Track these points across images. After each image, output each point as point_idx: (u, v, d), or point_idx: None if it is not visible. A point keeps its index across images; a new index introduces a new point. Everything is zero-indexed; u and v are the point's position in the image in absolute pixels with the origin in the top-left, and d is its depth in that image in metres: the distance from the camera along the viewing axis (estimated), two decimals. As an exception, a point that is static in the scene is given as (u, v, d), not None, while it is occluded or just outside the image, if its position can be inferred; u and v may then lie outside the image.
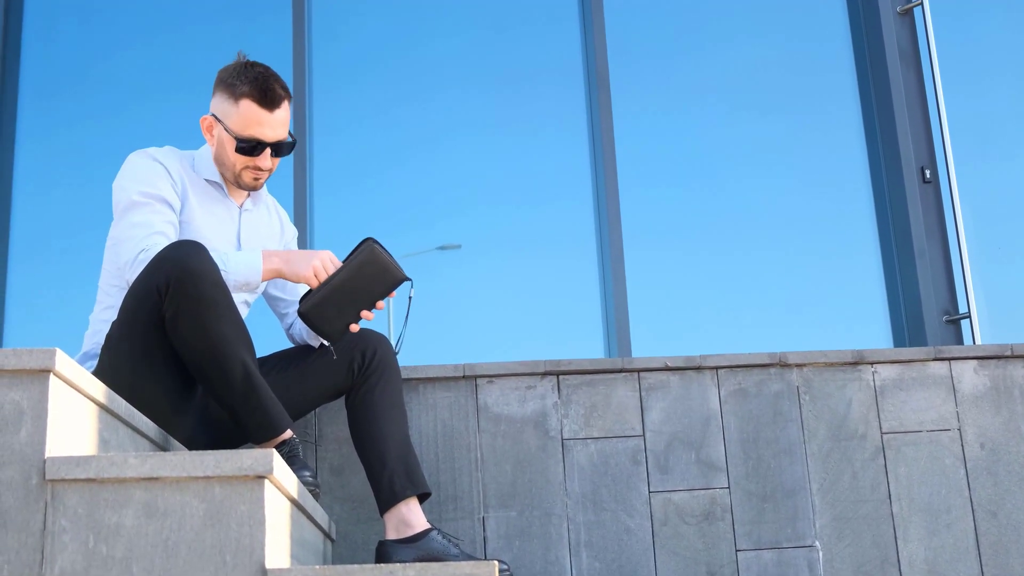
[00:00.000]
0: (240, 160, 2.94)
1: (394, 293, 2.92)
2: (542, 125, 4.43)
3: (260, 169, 2.96)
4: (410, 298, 2.96)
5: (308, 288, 2.94)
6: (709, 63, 4.53)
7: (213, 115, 2.96)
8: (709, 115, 4.48)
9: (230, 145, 2.93)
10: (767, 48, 4.56)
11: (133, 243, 2.75)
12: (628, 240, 4.24)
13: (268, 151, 2.94)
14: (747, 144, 4.45)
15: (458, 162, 4.38)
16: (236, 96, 2.91)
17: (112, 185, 2.89)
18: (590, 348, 4.20)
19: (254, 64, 2.96)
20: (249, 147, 2.91)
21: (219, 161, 2.99)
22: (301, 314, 2.84)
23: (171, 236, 2.80)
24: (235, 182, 3.00)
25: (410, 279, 2.92)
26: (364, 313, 2.87)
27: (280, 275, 2.83)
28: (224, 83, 2.95)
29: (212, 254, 2.69)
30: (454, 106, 4.43)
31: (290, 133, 2.99)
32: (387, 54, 4.47)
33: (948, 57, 4.48)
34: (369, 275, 2.85)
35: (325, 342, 3.02)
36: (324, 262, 2.84)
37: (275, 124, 2.93)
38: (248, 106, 2.90)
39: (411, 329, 2.99)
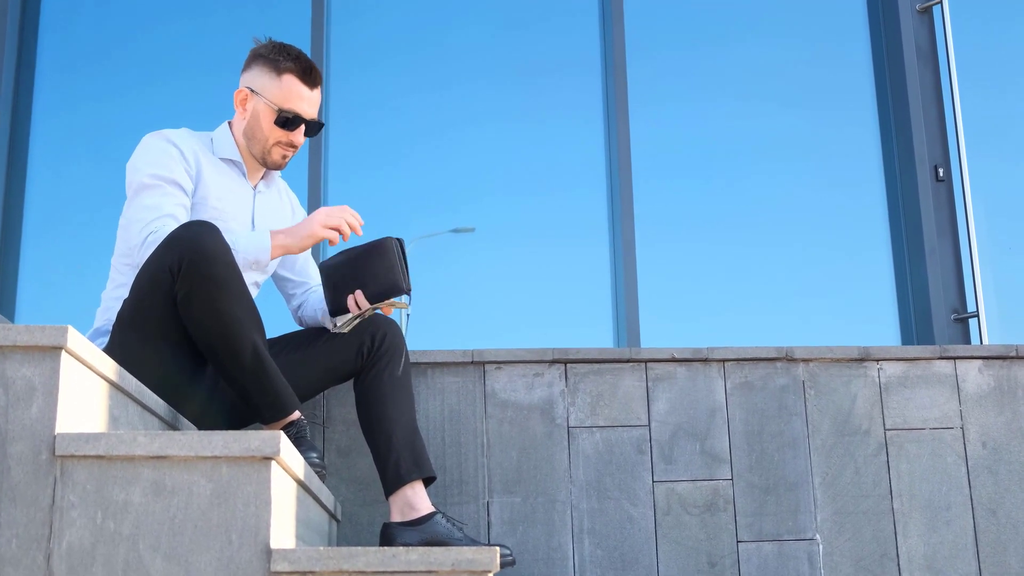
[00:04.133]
0: (275, 134, 3.00)
1: (389, 308, 2.92)
2: (559, 114, 4.45)
3: (291, 146, 3.02)
4: (407, 315, 2.96)
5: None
6: (726, 56, 4.54)
7: (249, 88, 3.01)
8: (724, 108, 4.49)
9: (267, 117, 2.99)
10: (785, 43, 4.57)
11: (141, 225, 2.78)
12: (640, 231, 4.26)
13: (303, 127, 3.01)
14: (761, 138, 4.46)
15: (474, 150, 4.40)
16: (279, 70, 2.99)
17: (126, 166, 2.92)
18: (599, 337, 4.22)
19: (291, 45, 3.05)
20: (288, 120, 2.97)
21: (249, 135, 3.03)
22: (320, 265, 2.89)
23: (181, 218, 2.83)
24: (262, 158, 3.04)
25: (408, 292, 2.91)
26: (358, 296, 2.88)
27: (289, 249, 2.85)
28: (264, 58, 3.02)
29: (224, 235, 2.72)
30: (472, 95, 4.44)
31: (319, 117, 3.05)
32: (406, 42, 4.49)
33: (965, 56, 4.47)
34: (372, 266, 2.86)
35: (329, 320, 3.06)
36: (323, 218, 2.84)
37: (312, 102, 3.03)
38: (291, 80, 2.98)
39: (421, 312, 3.00)
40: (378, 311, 2.94)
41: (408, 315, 2.96)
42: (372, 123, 4.40)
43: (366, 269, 2.87)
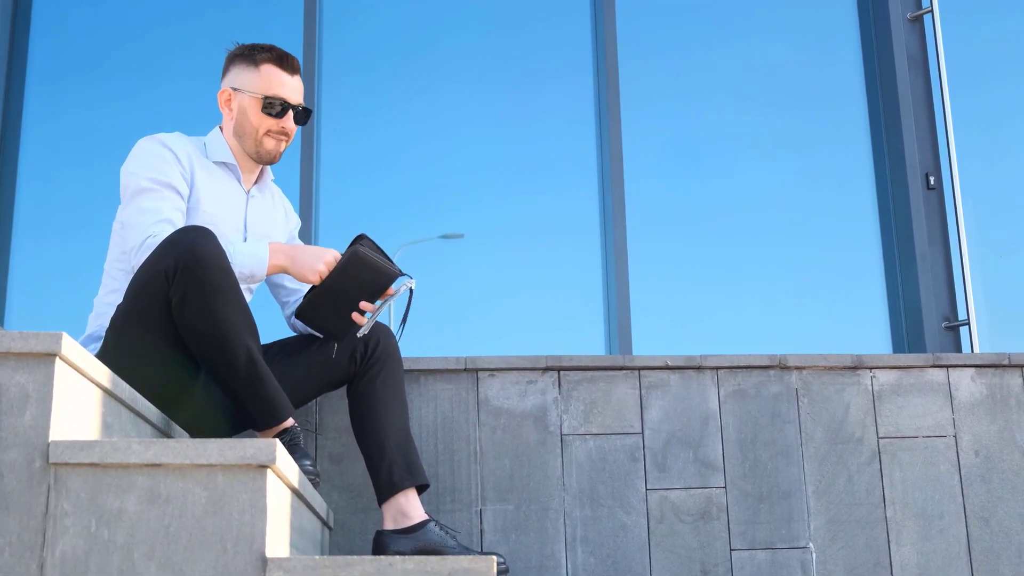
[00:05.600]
0: (264, 123, 3.00)
1: (392, 290, 2.93)
2: (550, 116, 4.44)
3: (282, 133, 3.02)
4: (411, 292, 2.96)
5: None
6: (718, 61, 4.53)
7: (231, 87, 3.03)
8: (717, 110, 4.49)
9: (254, 108, 2.99)
10: (777, 48, 4.57)
11: (141, 229, 2.76)
12: (632, 234, 4.25)
13: (291, 113, 3.01)
14: (753, 142, 4.46)
15: (465, 153, 4.39)
16: (257, 62, 3.00)
17: (120, 170, 2.91)
18: (591, 342, 4.21)
19: (261, 43, 3.06)
20: (274, 107, 2.98)
21: (239, 132, 3.02)
22: (299, 316, 2.89)
23: (178, 223, 2.81)
24: (255, 152, 3.03)
25: (405, 273, 2.92)
26: (364, 305, 2.89)
27: (285, 272, 2.86)
28: (240, 56, 3.04)
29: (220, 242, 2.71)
30: (463, 97, 4.43)
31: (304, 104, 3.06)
32: (396, 45, 4.48)
33: (956, 64, 4.48)
34: (357, 276, 2.86)
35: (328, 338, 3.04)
36: (329, 265, 2.86)
37: (295, 88, 3.04)
38: (270, 69, 3.00)
39: (413, 320, 2.99)
40: (387, 300, 2.94)
41: (412, 290, 2.95)
42: (363, 127, 4.39)
43: (352, 283, 2.86)
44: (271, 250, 2.84)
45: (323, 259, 2.85)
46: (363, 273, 2.86)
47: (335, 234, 4.16)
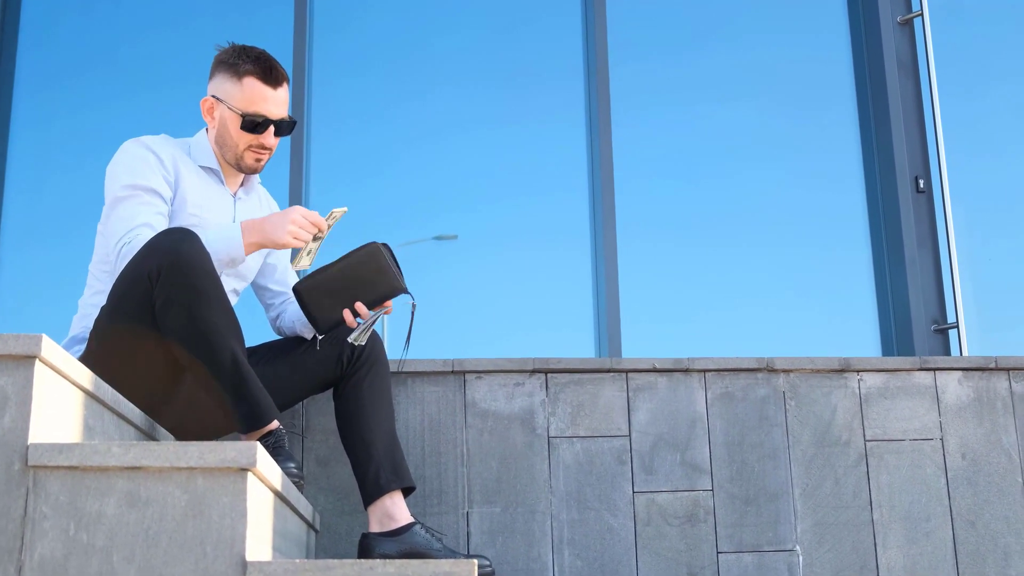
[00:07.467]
0: (244, 139, 2.96)
1: (390, 304, 2.91)
2: (541, 119, 4.44)
3: (263, 148, 2.98)
4: (412, 314, 2.94)
5: (301, 276, 2.94)
6: (708, 63, 4.54)
7: (214, 96, 2.99)
8: (708, 114, 4.49)
9: (234, 123, 2.95)
10: (766, 51, 4.57)
11: (116, 238, 2.75)
12: (622, 237, 4.25)
13: (271, 129, 2.97)
14: (744, 146, 4.46)
15: (456, 156, 4.39)
16: (239, 74, 2.94)
17: (105, 170, 2.90)
18: (580, 345, 4.21)
19: (252, 47, 3.00)
20: (254, 123, 2.94)
21: (221, 143, 3.00)
22: (296, 291, 2.85)
23: (158, 226, 2.79)
24: (236, 164, 3.01)
25: (409, 292, 2.90)
26: (360, 308, 2.86)
27: (263, 246, 2.79)
28: (225, 64, 2.98)
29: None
30: (454, 101, 4.43)
31: (289, 115, 3.02)
32: (388, 49, 4.47)
33: (946, 67, 4.48)
34: (364, 275, 2.84)
35: (313, 332, 3.03)
36: (298, 222, 2.77)
37: (278, 101, 2.98)
38: (252, 83, 2.94)
39: (401, 322, 2.99)
40: (381, 312, 2.92)
41: (413, 310, 2.94)
42: (354, 131, 4.39)
43: (357, 279, 2.85)
44: (243, 230, 2.78)
45: (288, 217, 2.76)
46: (372, 273, 2.85)
47: (325, 245, 4.15)
